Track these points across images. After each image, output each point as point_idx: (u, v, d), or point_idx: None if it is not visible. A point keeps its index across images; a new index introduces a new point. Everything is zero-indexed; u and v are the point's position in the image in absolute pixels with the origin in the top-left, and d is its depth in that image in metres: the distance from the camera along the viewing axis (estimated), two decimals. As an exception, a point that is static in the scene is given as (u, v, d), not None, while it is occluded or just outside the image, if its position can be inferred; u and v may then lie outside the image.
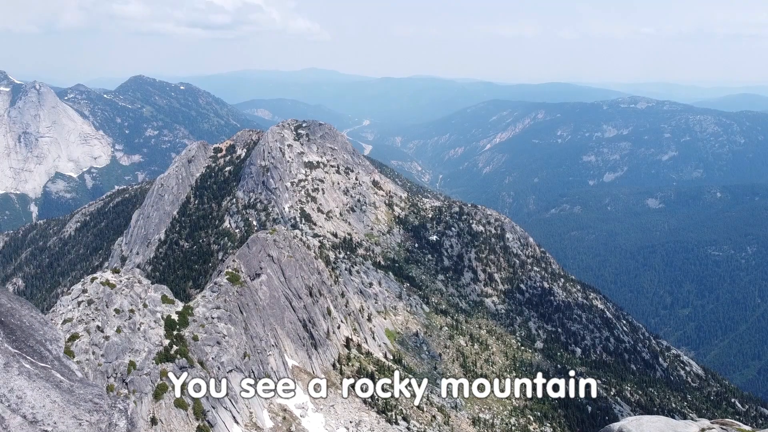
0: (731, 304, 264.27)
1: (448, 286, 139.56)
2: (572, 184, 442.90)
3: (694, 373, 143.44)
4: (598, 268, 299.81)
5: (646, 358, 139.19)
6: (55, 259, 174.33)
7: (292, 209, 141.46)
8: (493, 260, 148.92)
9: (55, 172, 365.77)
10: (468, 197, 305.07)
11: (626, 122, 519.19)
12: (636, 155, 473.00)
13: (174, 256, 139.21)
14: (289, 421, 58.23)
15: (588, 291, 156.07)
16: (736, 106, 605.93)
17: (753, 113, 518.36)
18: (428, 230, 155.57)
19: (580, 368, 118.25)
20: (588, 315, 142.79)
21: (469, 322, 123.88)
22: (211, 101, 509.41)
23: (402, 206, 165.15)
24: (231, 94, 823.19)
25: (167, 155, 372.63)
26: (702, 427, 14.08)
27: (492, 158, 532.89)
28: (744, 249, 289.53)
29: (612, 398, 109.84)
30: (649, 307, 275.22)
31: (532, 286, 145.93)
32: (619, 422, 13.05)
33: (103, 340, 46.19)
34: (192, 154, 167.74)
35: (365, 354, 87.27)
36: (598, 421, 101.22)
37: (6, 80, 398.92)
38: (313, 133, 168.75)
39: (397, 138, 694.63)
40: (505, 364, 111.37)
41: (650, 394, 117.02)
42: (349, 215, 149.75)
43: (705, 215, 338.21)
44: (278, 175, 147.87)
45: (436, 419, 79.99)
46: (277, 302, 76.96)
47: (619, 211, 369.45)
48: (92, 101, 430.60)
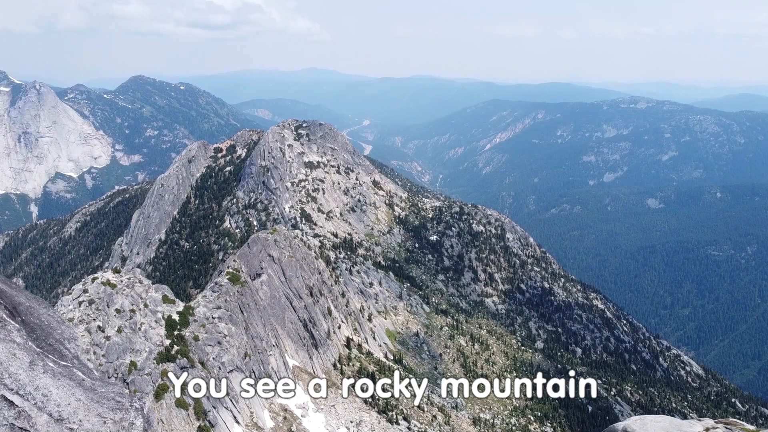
0: (731, 304, 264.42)
1: (448, 286, 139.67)
2: (572, 184, 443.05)
3: (694, 373, 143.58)
4: (599, 268, 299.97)
5: (647, 358, 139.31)
6: (56, 259, 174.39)
7: (292, 209, 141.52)
8: (493, 260, 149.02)
9: (55, 172, 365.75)
10: (468, 197, 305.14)
11: (626, 122, 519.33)
12: (636, 155, 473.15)
13: (174, 256, 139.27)
14: (290, 421, 58.31)
15: (588, 291, 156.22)
16: (736, 106, 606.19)
17: (753, 113, 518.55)
18: (428, 230, 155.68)
19: (581, 368, 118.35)
20: (588, 315, 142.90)
21: (470, 322, 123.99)
22: (211, 101, 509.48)
23: (402, 206, 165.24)
24: (231, 94, 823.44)
25: (167, 155, 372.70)
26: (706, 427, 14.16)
27: (492, 158, 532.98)
28: (744, 249, 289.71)
29: (612, 398, 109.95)
30: (650, 307, 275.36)
31: (533, 286, 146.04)
32: (623, 422, 13.13)
33: (104, 340, 46.26)
34: (192, 154, 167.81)
35: (366, 354, 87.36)
36: (598, 421, 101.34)
37: (6, 80, 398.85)
38: (314, 133, 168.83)
39: (397, 138, 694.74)
40: (505, 364, 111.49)
41: (650, 394, 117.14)
42: (350, 215, 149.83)
43: (705, 215, 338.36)
44: (278, 175, 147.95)
45: (436, 419, 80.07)
46: (277, 302, 77.04)
47: (619, 211, 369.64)
48: (92, 101, 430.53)
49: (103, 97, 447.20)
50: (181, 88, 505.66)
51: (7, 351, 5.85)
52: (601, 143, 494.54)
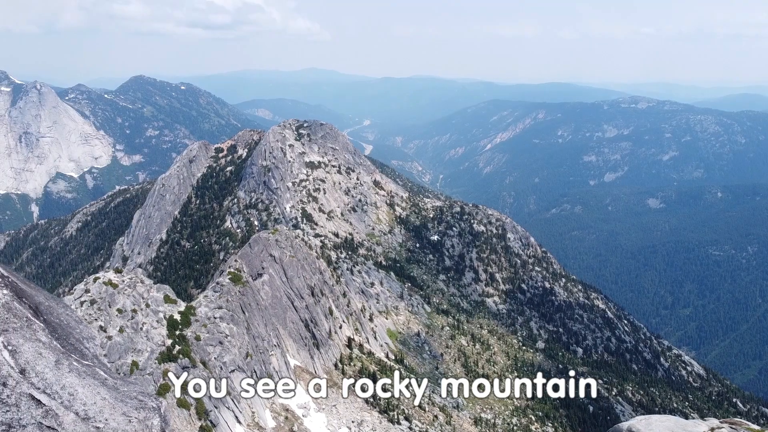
0: (732, 304, 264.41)
1: (449, 286, 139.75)
2: (573, 184, 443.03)
3: (695, 373, 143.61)
4: (599, 268, 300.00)
5: (648, 358, 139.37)
6: (57, 259, 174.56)
7: (293, 209, 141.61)
8: (494, 260, 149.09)
9: (56, 172, 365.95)
10: (468, 197, 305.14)
11: (627, 122, 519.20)
12: (637, 155, 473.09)
13: (175, 256, 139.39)
14: (292, 421, 58.42)
15: (589, 291, 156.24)
16: (736, 106, 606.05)
17: (754, 113, 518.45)
18: (429, 230, 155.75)
19: (582, 368, 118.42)
20: (589, 315, 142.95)
21: (471, 322, 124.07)
22: (211, 101, 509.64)
23: (403, 206, 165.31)
24: (231, 94, 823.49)
25: (168, 155, 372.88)
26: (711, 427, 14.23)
27: (492, 158, 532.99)
28: (745, 249, 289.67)
29: (613, 398, 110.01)
30: (650, 307, 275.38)
31: (534, 286, 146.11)
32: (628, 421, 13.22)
33: (105, 340, 46.36)
34: (193, 154, 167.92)
35: (367, 354, 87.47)
36: (599, 421, 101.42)
37: (7, 80, 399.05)
38: (315, 133, 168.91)
39: (397, 138, 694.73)
40: (506, 364, 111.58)
41: (652, 394, 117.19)
42: (351, 215, 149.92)
43: (706, 215, 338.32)
44: (280, 175, 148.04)
45: (438, 419, 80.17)
46: (279, 302, 77.15)
47: (619, 211, 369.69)
48: (93, 101, 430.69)
49: (104, 97, 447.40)
50: (182, 88, 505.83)
51: (34, 350, 5.94)
52: (601, 143, 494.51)
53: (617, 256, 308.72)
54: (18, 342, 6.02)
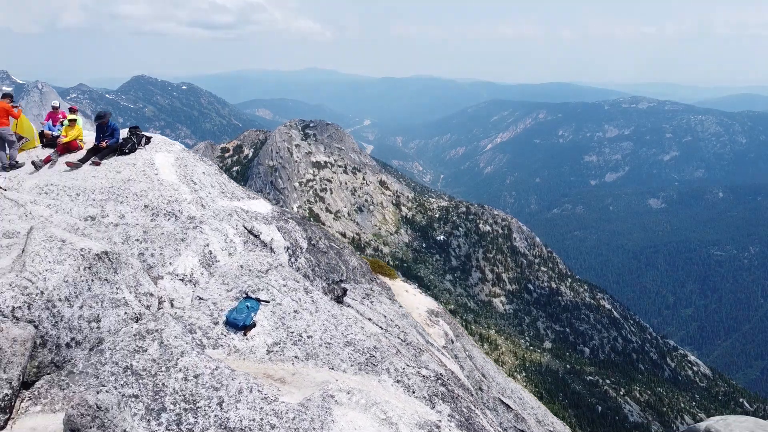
0: (734, 303, 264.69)
1: (456, 286, 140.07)
2: (574, 184, 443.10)
3: (701, 373, 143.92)
4: (601, 268, 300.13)
5: (654, 358, 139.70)
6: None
7: (300, 209, 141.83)
8: (500, 260, 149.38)
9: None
10: (469, 197, 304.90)
11: (628, 122, 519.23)
12: (638, 155, 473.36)
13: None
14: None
15: (595, 291, 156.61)
16: (737, 106, 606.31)
17: (755, 113, 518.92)
18: (436, 230, 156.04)
19: (589, 368, 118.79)
20: (596, 315, 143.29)
21: (478, 322, 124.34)
22: (213, 101, 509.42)
23: (409, 206, 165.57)
24: (232, 93, 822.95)
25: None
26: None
27: (493, 158, 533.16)
28: (747, 249, 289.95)
29: (621, 398, 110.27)
30: (652, 307, 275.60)
31: (540, 287, 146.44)
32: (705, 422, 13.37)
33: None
34: (199, 154, 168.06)
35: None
36: (608, 421, 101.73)
37: (8, 80, 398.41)
38: (321, 133, 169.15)
39: (398, 138, 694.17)
40: (514, 364, 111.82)
41: (659, 394, 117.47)
42: (357, 215, 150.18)
43: (707, 215, 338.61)
44: (286, 174, 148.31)
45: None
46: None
47: (621, 211, 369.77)
48: (94, 101, 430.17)
49: (105, 96, 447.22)
50: (183, 87, 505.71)
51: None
52: (602, 143, 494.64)
53: (619, 256, 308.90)
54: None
